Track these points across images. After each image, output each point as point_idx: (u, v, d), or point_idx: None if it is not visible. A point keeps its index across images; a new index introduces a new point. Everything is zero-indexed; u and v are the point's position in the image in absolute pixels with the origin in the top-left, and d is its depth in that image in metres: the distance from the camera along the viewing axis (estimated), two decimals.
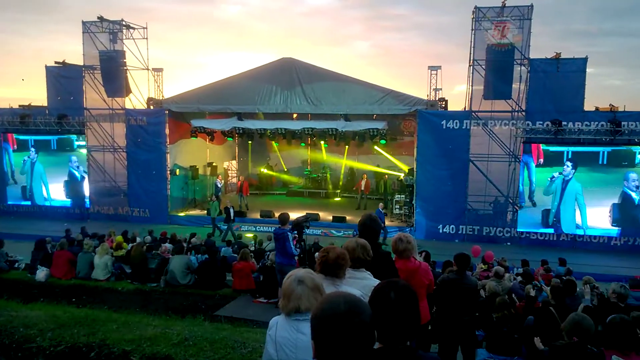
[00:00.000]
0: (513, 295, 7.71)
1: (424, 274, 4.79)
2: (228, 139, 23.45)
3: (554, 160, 17.08)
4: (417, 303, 1.97)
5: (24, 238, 15.97)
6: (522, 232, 17.49)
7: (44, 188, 21.84)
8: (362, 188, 21.42)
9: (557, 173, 17.07)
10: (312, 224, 12.11)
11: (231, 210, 17.60)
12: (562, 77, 16.76)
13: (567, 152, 16.87)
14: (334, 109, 18.77)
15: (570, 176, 16.99)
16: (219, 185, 22.03)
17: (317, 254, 11.15)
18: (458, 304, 5.76)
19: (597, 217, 16.97)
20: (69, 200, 21.39)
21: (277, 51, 58.11)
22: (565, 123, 16.48)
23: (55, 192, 21.71)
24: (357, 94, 18.37)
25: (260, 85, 19.04)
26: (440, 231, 17.71)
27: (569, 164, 16.94)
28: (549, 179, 17.17)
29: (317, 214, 19.02)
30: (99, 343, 4.84)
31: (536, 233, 17.46)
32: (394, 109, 18.24)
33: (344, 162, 25.02)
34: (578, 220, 17.13)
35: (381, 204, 17.72)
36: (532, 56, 16.86)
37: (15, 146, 21.81)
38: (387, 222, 18.26)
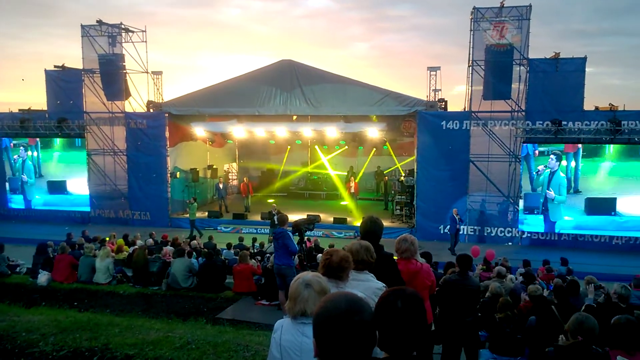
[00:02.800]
0: (522, 295, 7.68)
1: (426, 276, 4.77)
2: (228, 141, 23.43)
3: (594, 151, 17.04)
4: (425, 312, 1.94)
5: (25, 242, 15.95)
6: (523, 232, 17.48)
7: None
8: (352, 190, 21.25)
9: (543, 166, 17.23)
10: (315, 226, 12.03)
11: (275, 215, 17.35)
12: (562, 77, 16.77)
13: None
14: (333, 110, 18.74)
15: (555, 168, 17.15)
16: (221, 187, 22.03)
17: (319, 255, 11.09)
18: (461, 305, 5.74)
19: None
20: (88, 194, 21.12)
21: (276, 53, 58.23)
22: (565, 123, 16.45)
23: (73, 186, 21.60)
24: (357, 96, 18.34)
25: (259, 88, 19.03)
26: (442, 232, 17.67)
27: (553, 157, 17.08)
28: (535, 173, 17.33)
29: (318, 216, 19.04)
30: (102, 347, 4.83)
31: (537, 233, 17.45)
32: (393, 110, 18.22)
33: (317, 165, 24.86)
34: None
35: (455, 209, 16.75)
36: (531, 56, 16.86)
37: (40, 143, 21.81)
38: (386, 224, 18.23)
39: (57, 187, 21.74)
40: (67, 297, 9.99)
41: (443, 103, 18.45)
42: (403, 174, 21.09)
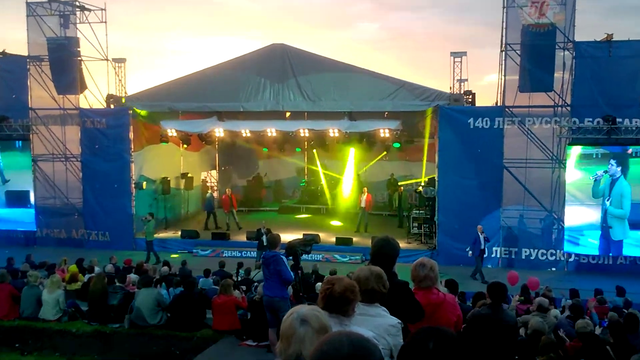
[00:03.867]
0: (560, 332, 7.68)
1: (450, 309, 4.79)
2: (206, 144, 23.50)
3: None
4: (463, 356, 1.94)
5: None
6: (569, 255, 17.44)
7: None
8: (363, 204, 21.03)
9: (602, 171, 16.99)
10: (313, 248, 12.09)
11: (264, 235, 17.11)
12: (615, 64, 16.83)
13: None
14: (335, 105, 18.83)
15: (617, 175, 16.96)
16: (212, 200, 21.95)
17: (318, 284, 11.05)
18: (493, 345, 5.73)
19: None
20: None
21: (266, 36, 58.35)
22: (620, 120, 16.49)
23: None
24: (364, 88, 18.46)
25: (245, 78, 19.12)
26: (469, 254, 17.53)
27: (613, 162, 16.97)
28: (593, 179, 17.03)
29: (317, 235, 19.06)
30: None
31: (587, 256, 17.41)
32: (409, 105, 18.27)
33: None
34: None
35: (479, 226, 16.72)
36: (577, 38, 16.93)
37: None
38: (402, 244, 18.15)
39: (19, 199, 21.21)
40: (6, 337, 9.95)
41: (470, 96, 18.58)
42: (422, 184, 21.10)
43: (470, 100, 18.55)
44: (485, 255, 17.15)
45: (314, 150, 24.32)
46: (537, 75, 16.89)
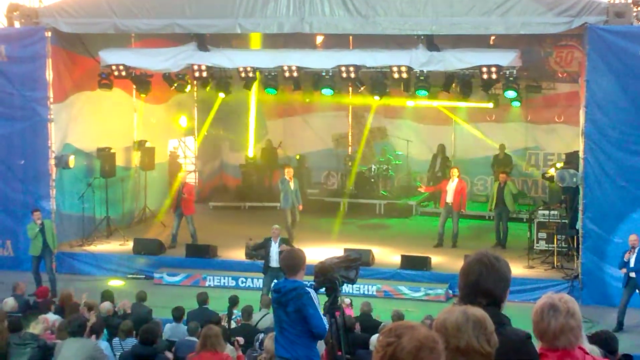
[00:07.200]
0: None
1: None
2: (179, 91, 23.53)
3: None
4: None
5: None
6: None
7: None
8: (449, 199, 21.20)
9: None
10: (362, 274, 12.06)
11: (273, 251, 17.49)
12: None
13: None
14: (404, 24, 18.82)
15: None
16: (292, 187, 22.08)
17: (374, 337, 11.10)
18: None
19: None
20: None
21: None
22: None
23: None
24: None
25: None
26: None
27: None
28: None
29: (368, 252, 19.23)
30: None
31: None
32: (534, 25, 18.25)
33: None
34: None
35: (634, 236, 16.35)
36: None
37: None
38: (518, 270, 18.10)
39: None
40: None
41: None
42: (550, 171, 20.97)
43: None
44: None
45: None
46: None
